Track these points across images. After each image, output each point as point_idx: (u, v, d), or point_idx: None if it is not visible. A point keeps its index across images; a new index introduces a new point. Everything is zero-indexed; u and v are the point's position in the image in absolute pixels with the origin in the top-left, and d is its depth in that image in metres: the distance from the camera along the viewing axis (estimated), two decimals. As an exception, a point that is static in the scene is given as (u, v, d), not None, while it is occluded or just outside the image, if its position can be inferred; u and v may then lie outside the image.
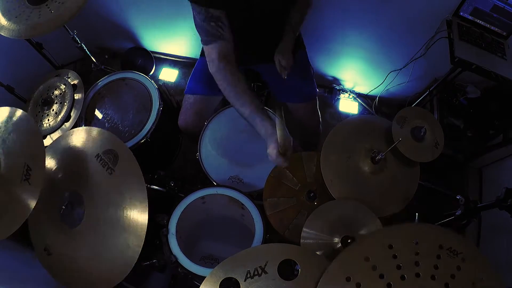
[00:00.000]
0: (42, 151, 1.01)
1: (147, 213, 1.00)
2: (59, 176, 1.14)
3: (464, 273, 0.76)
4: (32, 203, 0.95)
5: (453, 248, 0.78)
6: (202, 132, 1.43)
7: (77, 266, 1.05)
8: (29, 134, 1.04)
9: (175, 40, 2.28)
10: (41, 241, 1.10)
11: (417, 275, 0.75)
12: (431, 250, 0.78)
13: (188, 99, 1.52)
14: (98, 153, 1.10)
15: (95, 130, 1.16)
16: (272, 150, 0.98)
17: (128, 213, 1.02)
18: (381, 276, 0.75)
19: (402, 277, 0.75)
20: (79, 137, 1.17)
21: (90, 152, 1.12)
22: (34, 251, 1.10)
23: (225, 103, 1.57)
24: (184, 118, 1.52)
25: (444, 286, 0.75)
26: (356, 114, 2.28)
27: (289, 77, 1.49)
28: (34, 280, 1.06)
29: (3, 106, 1.14)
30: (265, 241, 1.12)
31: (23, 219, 0.94)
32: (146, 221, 1.00)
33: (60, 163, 1.16)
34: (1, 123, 1.07)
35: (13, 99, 1.63)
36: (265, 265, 0.83)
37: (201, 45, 1.57)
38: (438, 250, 0.78)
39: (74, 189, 1.09)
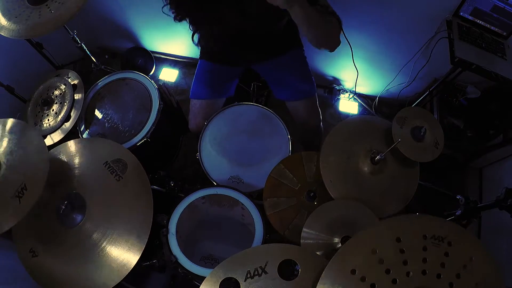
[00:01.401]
0: (43, 177, 0.99)
1: (148, 233, 1.01)
2: (62, 176, 1.14)
3: (453, 257, 0.75)
4: (13, 221, 0.93)
5: (437, 234, 0.76)
6: (202, 132, 1.43)
7: (64, 271, 1.03)
8: (37, 156, 1.03)
9: (175, 40, 2.28)
10: (28, 241, 1.07)
11: (408, 274, 0.73)
12: (415, 244, 0.76)
13: (195, 104, 1.54)
14: (107, 161, 1.12)
15: (103, 141, 1.21)
16: None
17: (128, 229, 1.02)
18: (372, 286, 0.73)
19: (394, 281, 0.73)
20: (88, 144, 1.19)
21: (98, 158, 1.14)
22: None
23: (225, 103, 1.57)
24: (195, 122, 1.55)
25: (436, 277, 0.73)
26: (356, 114, 2.28)
27: (287, 75, 1.50)
28: (29, 279, 1.06)
29: (3, 106, 1.14)
30: (265, 241, 1.12)
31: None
32: (145, 241, 1.00)
33: (65, 164, 1.16)
34: (14, 135, 1.06)
35: (13, 99, 1.63)
36: (265, 265, 0.82)
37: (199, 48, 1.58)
38: (422, 241, 0.76)
39: (77, 191, 1.10)
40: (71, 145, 1.20)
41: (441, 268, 0.74)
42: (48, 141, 1.43)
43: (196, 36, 1.28)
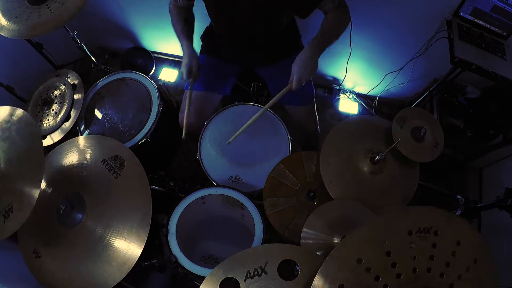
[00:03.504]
0: (31, 204, 0.94)
1: (148, 227, 1.01)
2: (61, 177, 1.14)
3: (441, 247, 0.73)
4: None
5: (422, 226, 0.73)
6: (202, 132, 1.43)
7: (67, 271, 1.03)
8: (34, 173, 0.98)
9: (175, 40, 2.26)
10: (31, 242, 1.08)
11: (398, 276, 0.71)
12: (402, 244, 0.73)
13: (188, 96, 1.53)
14: (105, 159, 1.12)
15: (101, 138, 1.20)
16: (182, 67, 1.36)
17: (128, 226, 1.02)
18: None
19: (385, 287, 0.71)
20: (85, 143, 1.19)
21: (96, 156, 1.13)
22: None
23: (225, 103, 1.57)
24: (184, 115, 1.52)
25: (427, 271, 0.72)
26: (356, 115, 2.28)
27: (288, 79, 1.50)
28: (31, 279, 1.06)
29: (3, 106, 1.13)
30: (265, 241, 1.12)
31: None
32: (145, 238, 1.00)
33: (63, 165, 1.16)
34: (22, 141, 1.03)
35: (13, 99, 1.64)
36: (265, 265, 0.82)
37: (200, 44, 1.58)
38: (408, 238, 0.73)
39: (76, 190, 1.10)
40: (69, 144, 1.20)
41: (430, 261, 0.72)
42: (48, 141, 1.43)
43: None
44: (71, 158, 1.16)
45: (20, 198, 0.95)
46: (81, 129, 1.48)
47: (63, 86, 1.49)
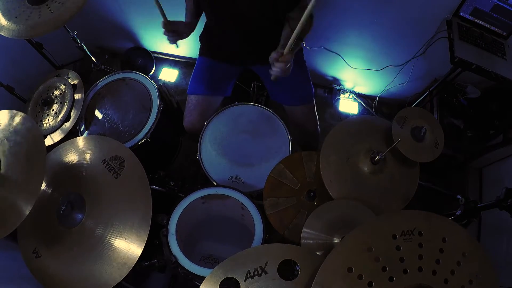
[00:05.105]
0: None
1: (148, 228, 1.01)
2: (61, 177, 1.14)
3: (428, 246, 0.74)
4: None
5: (406, 229, 0.74)
6: (202, 132, 1.43)
7: (67, 271, 1.03)
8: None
9: (175, 40, 2.28)
10: (31, 242, 1.08)
11: (391, 279, 0.72)
12: (388, 247, 0.74)
13: (191, 100, 1.54)
14: (105, 159, 1.12)
15: (101, 139, 1.19)
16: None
17: (128, 226, 1.02)
18: None
19: None
20: (85, 143, 1.19)
21: (96, 157, 1.13)
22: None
23: (225, 103, 1.57)
24: (190, 120, 1.54)
25: (418, 271, 0.73)
26: (356, 114, 2.28)
27: (286, 79, 1.49)
28: (31, 279, 1.06)
29: (3, 106, 1.14)
30: (265, 241, 1.12)
31: None
32: (145, 238, 1.00)
33: (64, 165, 1.16)
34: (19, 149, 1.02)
35: (13, 99, 1.63)
36: (265, 265, 0.82)
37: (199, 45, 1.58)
38: (394, 242, 0.74)
39: (76, 190, 1.10)
40: (69, 144, 1.20)
41: (419, 260, 0.73)
42: (48, 141, 1.43)
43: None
44: (71, 158, 1.16)
45: (9, 210, 0.94)
46: (81, 129, 1.48)
47: (63, 86, 1.49)
